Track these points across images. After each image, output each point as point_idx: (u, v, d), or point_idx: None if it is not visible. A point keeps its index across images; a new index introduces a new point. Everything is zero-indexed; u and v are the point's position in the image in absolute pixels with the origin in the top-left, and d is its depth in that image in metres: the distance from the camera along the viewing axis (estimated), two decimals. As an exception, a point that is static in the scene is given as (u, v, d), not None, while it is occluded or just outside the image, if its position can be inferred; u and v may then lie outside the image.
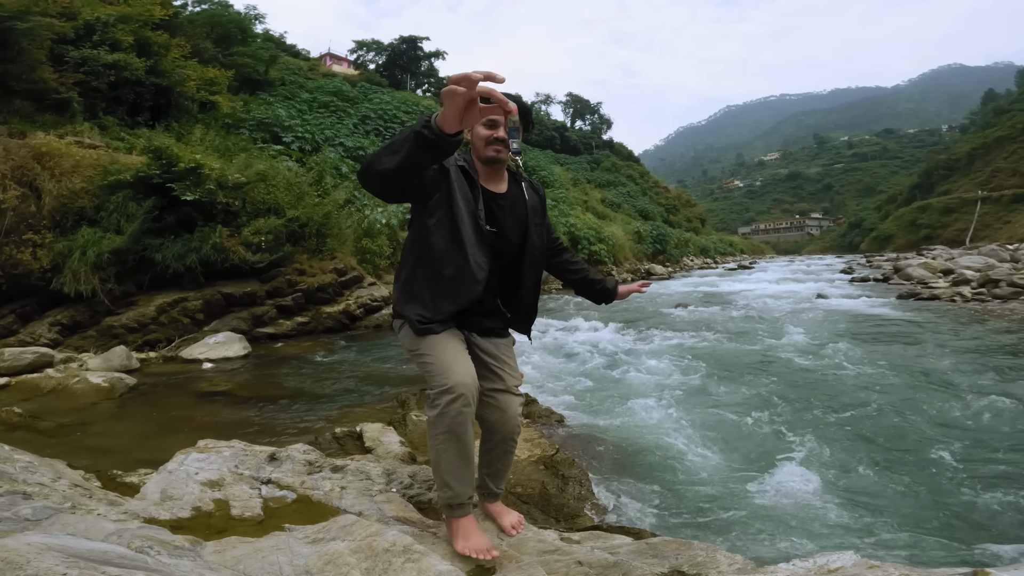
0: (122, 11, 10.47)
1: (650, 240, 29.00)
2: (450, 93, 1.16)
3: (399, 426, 3.29)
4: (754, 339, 6.92)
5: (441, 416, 1.47)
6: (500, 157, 1.59)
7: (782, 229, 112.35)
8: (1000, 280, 10.99)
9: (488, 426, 1.70)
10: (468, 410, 1.48)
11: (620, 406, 4.20)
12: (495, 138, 1.57)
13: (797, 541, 2.24)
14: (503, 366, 1.70)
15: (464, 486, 1.56)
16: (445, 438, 1.49)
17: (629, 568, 1.44)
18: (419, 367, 1.58)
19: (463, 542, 1.52)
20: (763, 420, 3.74)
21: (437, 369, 1.50)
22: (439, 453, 1.52)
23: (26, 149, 6.68)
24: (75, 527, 1.24)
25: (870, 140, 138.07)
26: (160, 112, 10.95)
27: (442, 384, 1.47)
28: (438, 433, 1.50)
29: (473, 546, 1.51)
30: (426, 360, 1.54)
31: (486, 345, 1.70)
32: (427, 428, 1.54)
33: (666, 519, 2.46)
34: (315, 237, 8.35)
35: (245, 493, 1.83)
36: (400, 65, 38.76)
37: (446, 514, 1.59)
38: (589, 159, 49.21)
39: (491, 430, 1.70)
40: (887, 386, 4.52)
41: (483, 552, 1.50)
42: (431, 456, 1.56)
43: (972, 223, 52.56)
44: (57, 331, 6.19)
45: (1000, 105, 66.82)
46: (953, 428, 3.49)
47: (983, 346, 6.05)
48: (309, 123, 16.34)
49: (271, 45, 23.16)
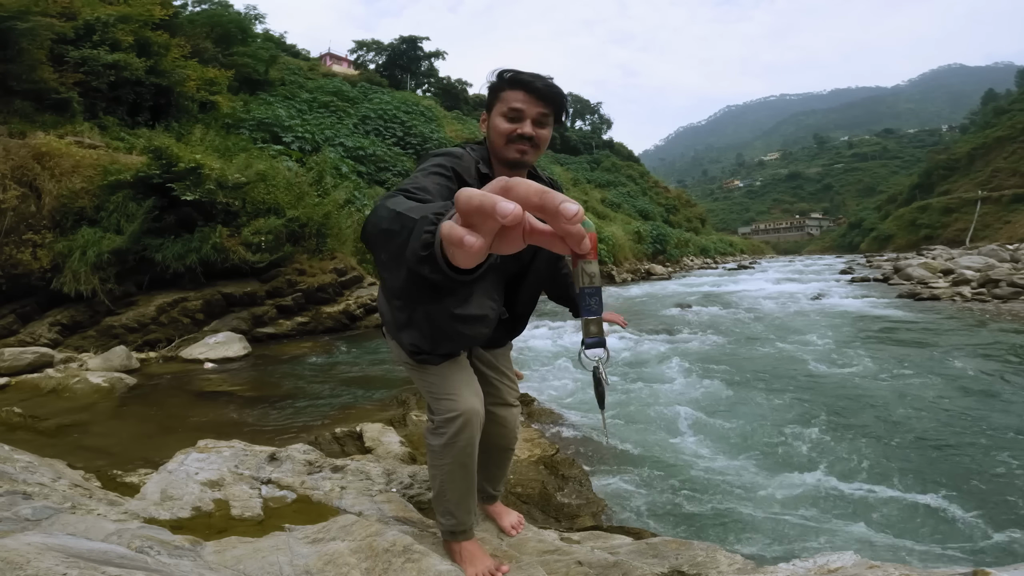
0: (122, 11, 10.46)
1: (650, 240, 28.99)
2: (481, 214, 0.44)
3: (399, 426, 3.29)
4: (753, 339, 6.92)
5: (449, 446, 1.34)
6: (525, 160, 1.25)
7: (782, 229, 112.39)
8: (1000, 280, 11.00)
9: (486, 439, 1.55)
10: (476, 437, 1.36)
11: (620, 407, 4.20)
12: (519, 135, 1.21)
13: (797, 541, 2.24)
14: (502, 378, 1.62)
15: (468, 514, 1.47)
16: (451, 469, 1.37)
17: (629, 568, 1.44)
18: (418, 384, 1.40)
19: (470, 567, 1.44)
20: (763, 420, 3.74)
21: (442, 391, 1.34)
22: (444, 484, 1.40)
23: (26, 149, 6.68)
24: (75, 527, 1.24)
25: (870, 140, 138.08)
26: (160, 112, 10.94)
27: (450, 410, 1.33)
28: (444, 464, 1.37)
29: (480, 570, 1.44)
30: (428, 379, 1.37)
31: (486, 356, 1.59)
32: (428, 455, 1.41)
33: (666, 519, 2.46)
34: (315, 237, 8.35)
35: (245, 493, 1.83)
36: (400, 65, 38.78)
37: (447, 539, 1.50)
38: (589, 159, 49.21)
39: (489, 442, 1.59)
40: (886, 386, 4.52)
41: (493, 572, 1.45)
42: (433, 485, 1.44)
43: (972, 223, 52.56)
44: (57, 331, 6.19)
45: (1000, 105, 66.81)
46: (952, 428, 3.49)
47: (982, 346, 6.05)
48: (309, 123, 16.35)
49: (271, 45, 23.15)
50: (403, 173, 17.85)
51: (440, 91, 38.67)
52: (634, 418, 3.89)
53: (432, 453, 1.39)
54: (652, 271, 24.93)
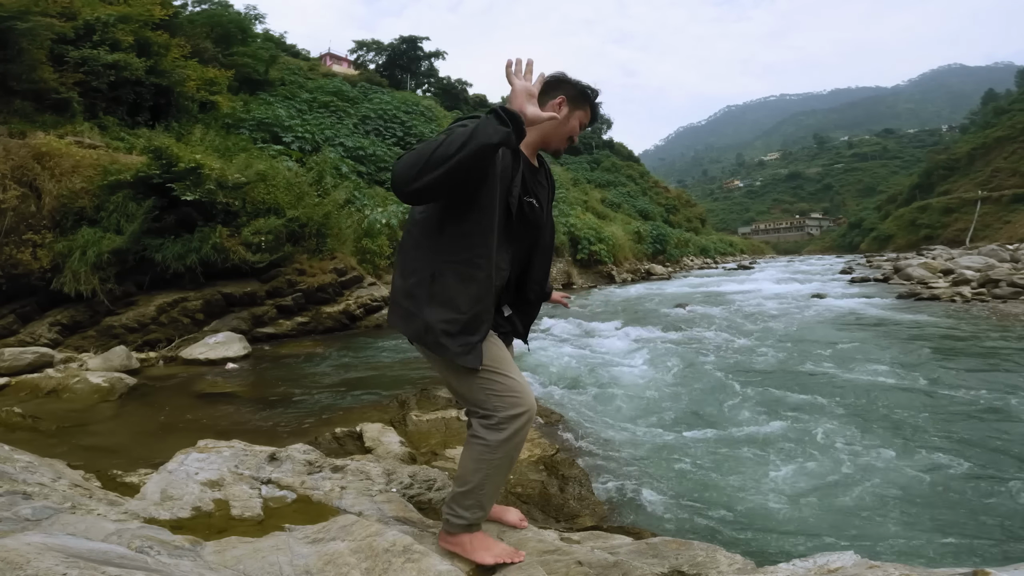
0: (122, 11, 10.46)
1: (650, 240, 28.99)
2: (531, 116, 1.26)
3: (399, 426, 3.29)
4: (754, 340, 6.92)
5: (506, 442, 1.37)
6: (563, 150, 1.55)
7: (782, 229, 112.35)
8: (1000, 280, 10.99)
9: None
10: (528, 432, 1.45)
11: (620, 406, 4.20)
12: (572, 141, 1.54)
13: (797, 541, 2.24)
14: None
15: (492, 505, 1.53)
16: (501, 463, 1.40)
17: (629, 568, 1.43)
18: (475, 389, 1.40)
19: (487, 552, 1.46)
20: (763, 420, 3.74)
21: (507, 389, 1.38)
22: (487, 477, 1.41)
23: (26, 149, 6.68)
24: (75, 527, 1.24)
25: (870, 140, 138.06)
26: (160, 112, 10.94)
27: (516, 407, 1.36)
28: (496, 458, 1.39)
29: (498, 552, 1.46)
30: (492, 379, 1.38)
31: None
32: (477, 450, 1.41)
33: (666, 519, 2.46)
34: (315, 237, 8.35)
35: (245, 493, 1.83)
36: (400, 65, 38.75)
37: (462, 532, 1.48)
38: (589, 159, 49.19)
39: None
40: (886, 386, 4.52)
41: (511, 555, 1.46)
42: (474, 478, 1.42)
43: (972, 223, 52.54)
44: (57, 331, 6.19)
45: (1000, 105, 66.80)
46: (953, 428, 3.49)
47: (982, 346, 6.05)
48: (309, 123, 16.34)
49: (271, 45, 23.13)
50: (403, 173, 17.72)
51: (440, 91, 38.64)
52: (633, 418, 3.89)
53: (485, 447, 1.39)
54: (652, 271, 24.93)
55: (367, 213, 11.26)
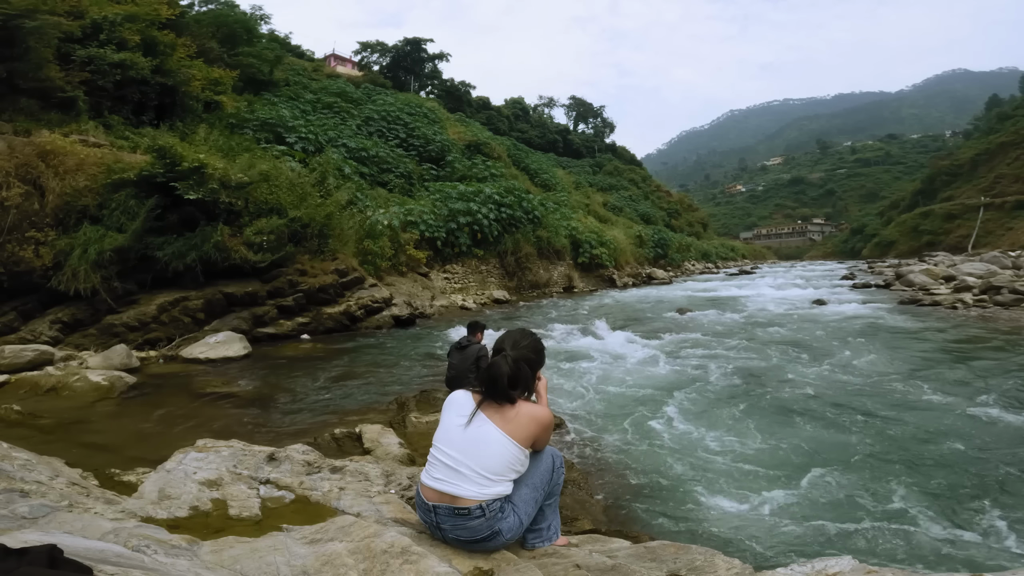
0: (129, 10, 10.52)
1: (652, 244, 28.96)
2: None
3: (398, 427, 3.29)
4: (753, 346, 6.90)
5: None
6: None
7: (784, 234, 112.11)
8: (1002, 287, 10.94)
9: None
10: None
11: (620, 411, 4.19)
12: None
13: (796, 545, 2.23)
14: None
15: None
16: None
17: (627, 572, 1.43)
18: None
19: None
20: (762, 426, 3.73)
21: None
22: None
23: (31, 147, 6.71)
24: (72, 525, 1.24)
25: (873, 145, 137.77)
26: (165, 111, 10.99)
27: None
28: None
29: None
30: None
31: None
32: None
33: (664, 523, 2.45)
34: (317, 238, 8.36)
35: (243, 493, 1.83)
36: (404, 67, 38.89)
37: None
38: (591, 162, 49.24)
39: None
40: (887, 392, 4.50)
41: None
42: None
43: (975, 229, 52.37)
44: (58, 329, 6.20)
45: (1004, 111, 66.66)
46: (952, 435, 3.47)
47: (983, 353, 6.02)
48: (313, 124, 16.38)
49: (276, 46, 23.25)
50: (405, 175, 17.87)
51: (444, 93, 38.75)
52: (633, 423, 3.88)
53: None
54: (653, 275, 24.89)
55: (369, 214, 11.29)
